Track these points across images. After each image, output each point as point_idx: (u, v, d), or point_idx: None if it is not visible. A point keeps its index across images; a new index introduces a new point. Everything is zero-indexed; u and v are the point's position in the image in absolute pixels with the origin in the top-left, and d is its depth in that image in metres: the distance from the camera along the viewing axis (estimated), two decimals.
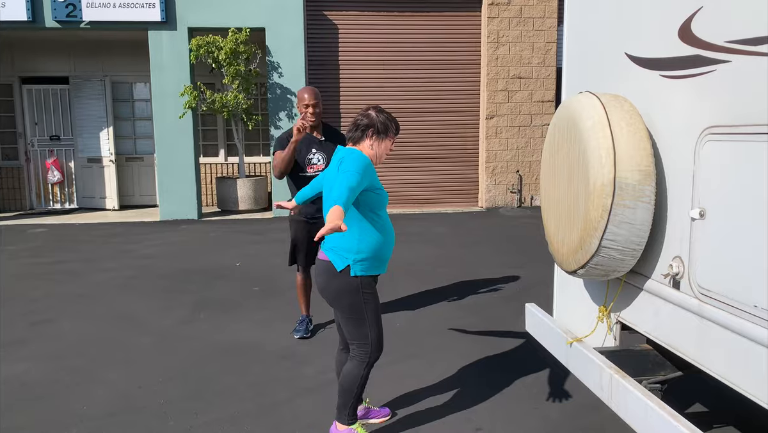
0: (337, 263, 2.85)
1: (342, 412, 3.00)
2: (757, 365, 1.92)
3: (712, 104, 2.12)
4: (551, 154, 2.84)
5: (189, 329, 4.80)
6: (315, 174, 4.31)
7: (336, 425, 3.04)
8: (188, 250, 7.84)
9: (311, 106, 4.26)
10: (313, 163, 4.34)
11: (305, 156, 4.32)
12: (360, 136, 2.88)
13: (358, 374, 2.95)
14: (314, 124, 4.32)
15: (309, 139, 4.34)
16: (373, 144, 2.89)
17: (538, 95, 10.89)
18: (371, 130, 2.88)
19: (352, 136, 2.90)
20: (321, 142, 4.38)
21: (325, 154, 4.35)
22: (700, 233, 2.18)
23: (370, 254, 2.88)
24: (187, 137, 10.18)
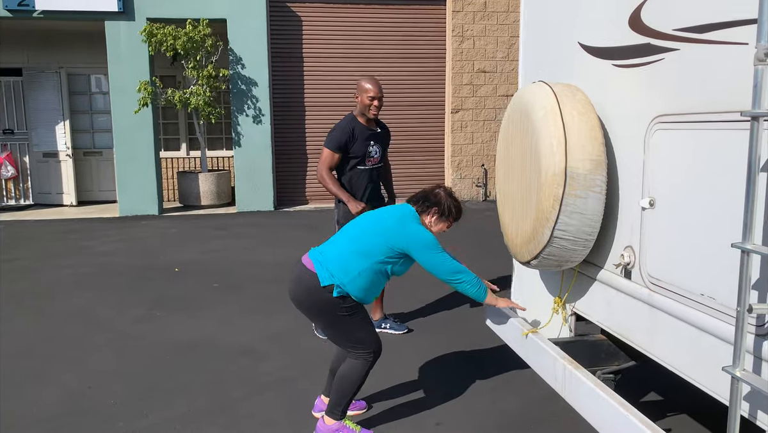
0: (323, 278, 2.77)
1: (336, 409, 2.92)
2: (703, 354, 1.92)
3: (661, 93, 2.12)
4: (505, 145, 2.82)
5: (144, 327, 4.68)
6: (373, 167, 4.25)
7: (324, 419, 2.96)
8: (148, 246, 7.65)
9: (377, 99, 4.10)
10: (371, 156, 4.22)
11: (365, 149, 4.18)
12: (424, 209, 2.90)
13: (359, 374, 2.87)
14: (375, 117, 4.19)
15: (367, 132, 4.19)
16: (432, 221, 2.91)
17: (503, 89, 10.93)
18: (436, 209, 2.90)
19: (419, 208, 2.91)
20: (378, 135, 4.26)
21: (381, 147, 4.27)
22: (650, 222, 2.18)
23: (357, 294, 2.82)
24: (147, 131, 9.94)
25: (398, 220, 2.82)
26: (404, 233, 2.77)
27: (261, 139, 10.23)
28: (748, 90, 1.64)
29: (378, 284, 2.86)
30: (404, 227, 2.79)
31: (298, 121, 10.77)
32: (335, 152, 4.13)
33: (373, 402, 3.40)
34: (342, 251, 2.82)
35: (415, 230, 2.78)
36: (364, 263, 2.77)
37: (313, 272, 2.80)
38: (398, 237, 2.76)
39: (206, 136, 11.16)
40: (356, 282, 2.78)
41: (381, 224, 2.83)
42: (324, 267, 2.80)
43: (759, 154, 1.48)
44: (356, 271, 2.77)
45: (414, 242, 2.75)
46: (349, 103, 10.87)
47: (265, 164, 10.29)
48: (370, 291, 2.85)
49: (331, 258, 2.83)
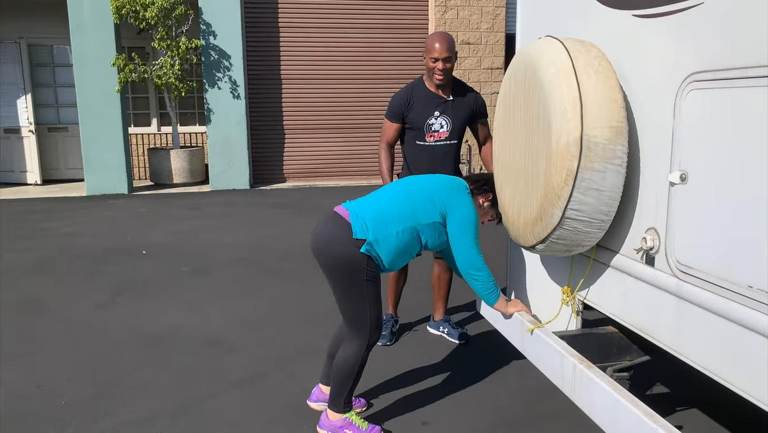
0: (357, 230, 2.50)
1: (337, 400, 2.66)
2: (750, 357, 1.61)
3: (697, 46, 1.77)
4: (506, 112, 2.46)
5: (105, 316, 4.29)
6: (436, 144, 3.50)
7: (327, 414, 2.69)
8: (115, 227, 7.21)
9: (441, 61, 3.34)
10: (434, 131, 3.47)
11: (424, 120, 3.46)
12: (481, 191, 2.72)
13: (357, 359, 2.61)
14: (443, 83, 3.43)
15: (431, 98, 3.47)
16: (484, 205, 2.74)
17: (487, 62, 10.55)
18: (492, 195, 2.72)
19: (475, 187, 2.72)
20: (447, 103, 3.48)
21: (450, 119, 3.48)
22: (680, 200, 1.85)
23: (387, 256, 2.56)
24: (115, 106, 9.40)
25: (450, 186, 2.62)
26: (453, 197, 2.58)
27: (235, 113, 9.76)
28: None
29: (410, 251, 2.62)
30: (455, 193, 2.60)
31: (274, 95, 10.30)
32: (391, 121, 3.54)
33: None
34: (383, 209, 2.56)
35: (465, 201, 2.60)
36: (405, 223, 2.53)
37: (348, 221, 2.52)
38: (446, 199, 2.56)
39: (178, 111, 10.63)
40: (390, 242, 2.52)
41: (431, 186, 2.62)
42: (360, 219, 2.53)
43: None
44: (395, 231, 2.52)
45: (458, 211, 2.56)
46: (329, 76, 10.43)
47: (240, 140, 9.83)
48: (400, 257, 2.60)
49: (368, 212, 2.55)
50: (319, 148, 10.60)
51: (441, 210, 2.56)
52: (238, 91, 9.71)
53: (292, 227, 7.14)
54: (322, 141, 10.60)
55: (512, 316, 2.63)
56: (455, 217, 2.55)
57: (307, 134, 10.53)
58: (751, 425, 2.78)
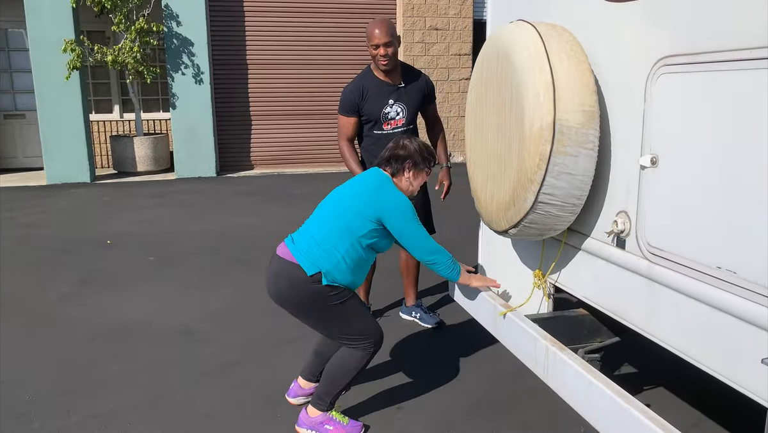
0: (308, 267, 2.41)
1: (324, 399, 2.59)
2: (716, 336, 1.65)
3: (668, 30, 1.78)
4: (478, 97, 2.46)
5: (69, 308, 4.18)
6: (394, 131, 3.47)
7: (307, 410, 2.62)
8: (77, 216, 7.02)
9: (382, 47, 3.29)
10: (390, 118, 3.46)
11: (380, 110, 3.43)
12: (398, 169, 2.61)
13: (358, 365, 2.53)
14: (388, 69, 3.38)
15: (383, 87, 3.44)
16: (410, 177, 2.63)
17: (455, 48, 10.55)
18: (409, 162, 2.61)
19: (391, 169, 2.62)
20: (399, 90, 3.45)
21: (405, 105, 3.47)
22: (650, 183, 1.88)
23: (345, 278, 2.48)
24: (74, 92, 9.11)
25: (374, 187, 2.52)
26: (381, 199, 2.48)
27: (201, 99, 9.57)
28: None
29: (365, 263, 2.55)
30: (381, 192, 2.50)
31: (240, 81, 10.13)
32: (347, 116, 3.46)
33: None
34: (320, 235, 2.48)
35: (391, 196, 2.49)
36: (345, 243, 2.45)
37: (295, 262, 2.44)
38: (375, 205, 2.46)
39: (141, 97, 10.38)
40: (341, 266, 2.45)
41: (356, 196, 2.51)
42: (305, 255, 2.45)
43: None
44: (339, 254, 2.44)
45: (390, 210, 2.46)
46: (296, 61, 10.29)
47: (205, 127, 9.66)
48: (358, 273, 2.53)
49: (310, 245, 2.47)
50: (287, 135, 10.48)
51: (373, 217, 2.47)
52: (202, 77, 9.52)
53: (261, 215, 7.06)
54: (290, 127, 10.48)
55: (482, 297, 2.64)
56: (391, 217, 2.47)
57: (274, 121, 10.40)
58: (716, 400, 2.86)
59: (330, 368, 2.57)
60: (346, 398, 2.95)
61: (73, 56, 8.67)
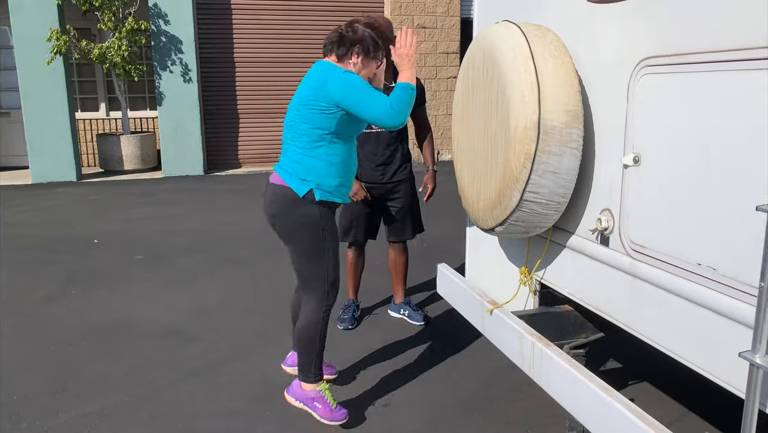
0: (299, 188, 2.47)
1: (307, 370, 2.62)
2: (701, 332, 1.68)
3: (650, 31, 1.82)
4: (464, 97, 2.48)
5: (57, 307, 4.16)
6: (381, 130, 3.54)
7: (300, 384, 2.66)
8: (63, 215, 6.98)
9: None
10: None
11: None
12: (343, 53, 2.48)
13: (317, 320, 2.58)
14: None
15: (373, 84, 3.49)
16: (358, 62, 2.50)
17: (443, 46, 10.58)
18: (358, 47, 2.47)
19: (336, 54, 2.48)
20: (389, 89, 3.47)
21: None
22: (633, 181, 1.91)
23: (335, 180, 2.50)
24: (60, 89, 9.04)
25: (317, 76, 2.41)
26: (324, 81, 2.37)
27: (188, 98, 9.53)
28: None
29: (349, 156, 2.56)
30: (322, 76, 2.38)
31: (228, 79, 10.10)
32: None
33: None
34: (296, 151, 2.50)
35: (333, 74, 2.37)
36: (321, 146, 2.46)
37: (286, 185, 2.49)
38: (321, 90, 2.37)
39: (127, 95, 10.32)
40: (324, 171, 2.48)
41: (304, 92, 2.45)
42: (294, 176, 2.49)
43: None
44: (321, 160, 2.46)
45: (338, 88, 2.34)
46: (284, 59, 10.27)
47: (192, 125, 9.62)
48: (345, 171, 2.55)
49: (293, 164, 2.51)
50: (275, 133, 10.46)
51: (327, 103, 2.38)
52: (190, 75, 9.48)
53: (248, 213, 7.06)
54: (278, 125, 10.46)
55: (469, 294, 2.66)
56: (340, 95, 2.34)
57: (261, 118, 10.38)
58: (699, 394, 2.91)
59: (297, 336, 2.62)
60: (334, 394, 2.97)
61: (59, 42, 8.59)
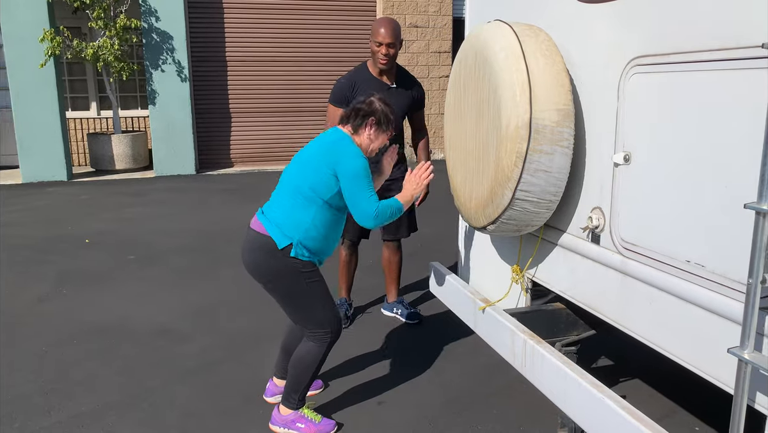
0: (279, 240, 2.44)
1: (292, 396, 2.61)
2: (690, 328, 1.70)
3: (639, 31, 1.83)
4: (456, 96, 2.49)
5: (48, 308, 4.14)
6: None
7: (279, 408, 2.65)
8: (54, 215, 6.94)
9: (385, 46, 3.36)
10: None
11: None
12: (359, 125, 2.58)
13: (315, 358, 2.56)
14: (385, 68, 3.44)
15: (375, 84, 3.47)
16: (371, 134, 2.58)
17: (435, 46, 10.60)
18: (372, 119, 2.57)
19: (352, 126, 2.59)
20: (390, 90, 3.49)
21: (396, 108, 3.44)
22: (623, 180, 1.93)
23: (316, 244, 2.50)
24: (50, 89, 8.98)
25: (331, 143, 2.50)
26: (336, 152, 2.46)
27: (180, 96, 9.50)
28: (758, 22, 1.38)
29: (336, 225, 2.57)
30: (336, 147, 2.48)
31: (220, 77, 10.07)
32: (336, 106, 3.48)
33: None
34: (287, 204, 2.50)
35: (347, 151, 2.46)
36: (312, 207, 2.47)
37: (267, 235, 2.47)
38: (331, 158, 2.45)
39: (118, 94, 10.27)
40: (311, 233, 2.48)
41: (314, 155, 2.50)
42: (276, 227, 2.48)
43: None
44: (309, 218, 2.47)
45: (343, 163, 2.43)
46: (276, 58, 10.26)
47: (184, 124, 9.59)
48: (330, 237, 2.56)
49: (279, 215, 2.50)
50: (267, 132, 10.45)
51: (330, 172, 2.45)
52: (182, 74, 9.45)
53: (241, 213, 7.04)
54: (270, 124, 10.45)
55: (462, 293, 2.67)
56: (342, 171, 2.43)
57: (254, 117, 10.36)
58: (690, 390, 2.94)
59: (293, 362, 2.60)
60: (326, 393, 2.98)
61: (53, 43, 8.54)
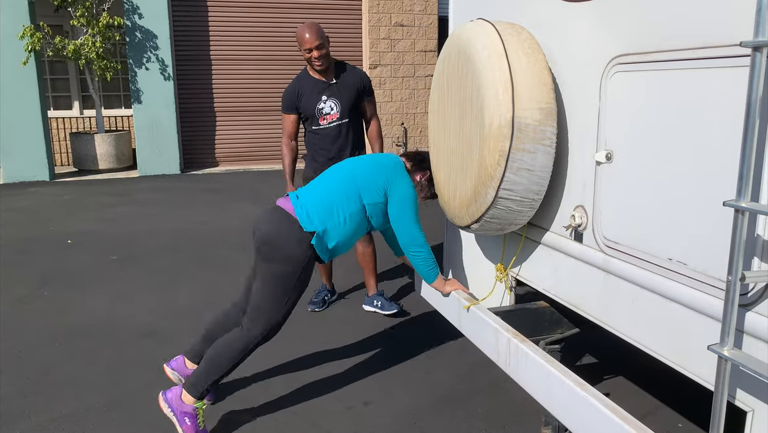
0: (304, 223, 2.47)
1: (199, 385, 2.51)
2: (672, 325, 1.71)
3: (621, 30, 1.84)
4: (440, 95, 2.49)
5: (29, 309, 4.09)
6: (329, 126, 3.67)
7: (182, 393, 2.53)
8: (36, 216, 6.85)
9: (315, 50, 3.50)
10: (325, 114, 3.65)
11: (315, 106, 3.64)
12: (418, 168, 2.74)
13: (243, 352, 2.52)
14: (322, 69, 3.59)
15: (316, 85, 3.64)
16: (422, 182, 2.75)
17: (421, 45, 10.60)
18: (429, 173, 2.75)
19: (413, 165, 2.74)
20: (331, 86, 3.65)
21: (338, 100, 3.65)
22: (606, 178, 1.94)
23: (335, 241, 2.54)
24: (31, 87, 8.86)
25: (390, 166, 2.64)
26: (394, 177, 2.60)
27: (163, 95, 9.42)
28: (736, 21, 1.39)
29: (358, 233, 2.63)
30: (395, 172, 2.62)
31: (204, 76, 10.00)
32: (288, 113, 3.71)
33: (289, 379, 3.07)
34: (328, 195, 2.55)
35: (405, 180, 2.62)
36: (353, 205, 2.54)
37: (294, 216, 2.48)
38: (387, 180, 2.59)
39: (101, 93, 10.17)
40: (338, 230, 2.53)
41: (372, 167, 2.62)
42: (306, 212, 2.50)
43: (759, 92, 1.23)
44: (343, 217, 2.52)
45: (399, 190, 2.58)
46: (261, 56, 10.20)
47: (168, 123, 9.51)
48: (349, 241, 2.61)
49: (314, 202, 2.53)
50: (252, 131, 10.40)
51: (383, 190, 2.58)
52: (166, 73, 9.37)
53: (226, 212, 7.00)
54: (255, 123, 10.40)
55: (449, 295, 2.68)
56: (396, 197, 2.57)
57: (239, 116, 10.30)
58: (673, 387, 2.96)
59: (212, 352, 2.53)
60: (311, 394, 2.97)
61: (33, 39, 8.42)
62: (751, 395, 1.45)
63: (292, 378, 3.13)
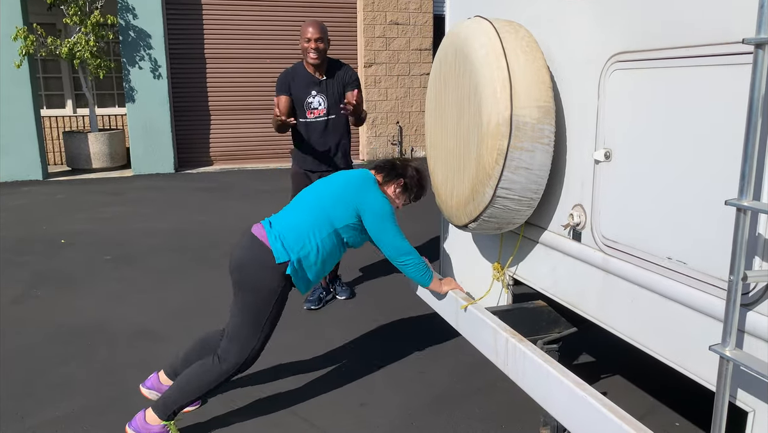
0: (279, 254, 2.42)
1: (169, 407, 2.47)
2: (672, 325, 1.70)
3: (619, 27, 1.83)
4: (437, 93, 2.47)
5: (22, 310, 4.05)
6: (316, 120, 3.78)
7: (145, 414, 2.49)
8: (29, 215, 6.80)
9: (313, 41, 3.62)
10: (313, 108, 3.76)
11: (304, 99, 3.75)
12: (389, 179, 2.69)
13: (218, 379, 2.47)
14: (316, 63, 3.69)
15: (307, 79, 3.75)
16: (395, 193, 2.70)
17: (416, 43, 10.58)
18: (402, 180, 2.69)
19: (383, 177, 2.69)
20: (321, 83, 3.76)
21: (326, 96, 3.77)
22: (604, 177, 1.92)
23: (311, 269, 2.51)
24: (24, 86, 8.79)
25: (357, 184, 2.59)
26: (362, 194, 2.55)
27: (157, 94, 9.37)
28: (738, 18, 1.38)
29: (334, 257, 2.60)
30: (365, 188, 2.56)
31: (198, 75, 9.95)
32: (279, 94, 3.75)
33: (287, 380, 3.05)
34: (298, 222, 2.51)
35: (375, 195, 2.56)
36: (323, 232, 2.50)
37: (268, 246, 2.44)
38: (357, 198, 2.53)
39: (95, 91, 10.11)
40: (312, 257, 2.49)
41: (339, 187, 2.56)
42: (279, 241, 2.45)
43: (761, 90, 1.22)
44: (315, 242, 2.48)
45: (370, 207, 2.52)
46: (255, 55, 10.16)
47: (162, 122, 9.46)
48: (325, 266, 2.58)
49: (286, 230, 2.49)
50: (247, 130, 10.36)
51: (354, 210, 2.53)
52: (159, 71, 9.31)
53: (220, 212, 6.97)
54: (250, 122, 10.36)
55: (447, 294, 2.66)
56: (370, 214, 2.52)
57: (233, 115, 10.26)
58: (671, 387, 2.96)
59: (187, 376, 2.49)
60: (307, 395, 2.95)
61: (27, 42, 8.36)
62: (752, 396, 1.44)
63: (288, 377, 3.11)
